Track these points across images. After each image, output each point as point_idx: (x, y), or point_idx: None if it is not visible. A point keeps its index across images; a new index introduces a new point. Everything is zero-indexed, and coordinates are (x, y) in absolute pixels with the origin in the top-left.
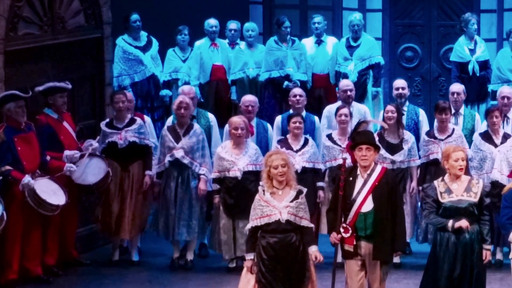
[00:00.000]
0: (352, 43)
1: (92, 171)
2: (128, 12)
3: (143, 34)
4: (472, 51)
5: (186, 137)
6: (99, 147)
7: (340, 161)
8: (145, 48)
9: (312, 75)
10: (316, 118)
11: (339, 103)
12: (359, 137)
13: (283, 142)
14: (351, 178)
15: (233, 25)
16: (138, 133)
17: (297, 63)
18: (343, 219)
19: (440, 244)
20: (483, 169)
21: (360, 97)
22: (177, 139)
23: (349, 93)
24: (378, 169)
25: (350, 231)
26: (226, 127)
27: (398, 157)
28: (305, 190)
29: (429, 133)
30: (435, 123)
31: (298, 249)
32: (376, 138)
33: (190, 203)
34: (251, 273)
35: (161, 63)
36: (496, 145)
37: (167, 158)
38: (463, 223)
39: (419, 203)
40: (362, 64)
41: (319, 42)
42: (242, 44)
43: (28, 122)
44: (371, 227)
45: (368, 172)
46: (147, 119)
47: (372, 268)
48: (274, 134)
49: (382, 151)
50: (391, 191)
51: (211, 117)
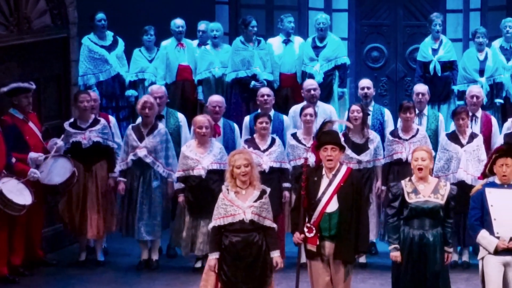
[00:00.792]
0: (318, 44)
1: (58, 171)
2: (94, 12)
3: (109, 34)
4: (435, 51)
5: (150, 136)
6: (63, 147)
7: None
8: (110, 48)
9: (279, 74)
10: (285, 117)
11: (304, 103)
12: (324, 137)
13: (250, 142)
14: (316, 178)
15: (202, 25)
16: (102, 133)
17: (263, 63)
18: (307, 219)
19: (403, 243)
20: (450, 169)
21: (326, 97)
22: (141, 138)
23: (313, 92)
24: (343, 169)
25: (314, 231)
26: (192, 126)
27: (364, 157)
28: (268, 190)
29: (393, 133)
30: (399, 123)
31: (261, 248)
32: (342, 138)
33: (152, 203)
34: (214, 272)
35: (126, 63)
36: (462, 145)
37: (130, 156)
38: (397, 255)
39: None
40: (328, 64)
41: (286, 41)
42: (208, 44)
43: None
44: (335, 227)
45: (333, 172)
46: (112, 119)
47: (335, 268)
48: (243, 133)
49: (348, 151)
50: (356, 192)
51: (181, 117)
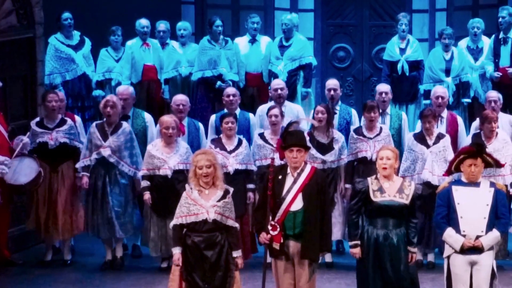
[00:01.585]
0: (284, 43)
1: (24, 171)
2: (61, 12)
3: (76, 34)
4: (403, 51)
5: (114, 135)
6: (29, 144)
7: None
8: (77, 47)
9: (245, 74)
10: (251, 115)
11: (271, 103)
12: (290, 138)
13: (217, 142)
14: (280, 177)
15: (161, 26)
16: (69, 134)
17: (230, 63)
18: (271, 218)
19: (367, 243)
20: (415, 170)
21: (290, 97)
22: (105, 137)
23: (280, 92)
24: (308, 168)
25: (278, 229)
26: (157, 126)
27: (329, 157)
28: (231, 190)
29: (357, 131)
30: (363, 122)
31: (223, 248)
32: (307, 138)
33: (120, 201)
34: (178, 265)
35: (93, 63)
36: (428, 146)
37: (94, 155)
38: (357, 252)
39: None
40: (292, 64)
41: (252, 41)
42: (175, 43)
43: None
44: (300, 226)
45: (298, 171)
46: (78, 119)
47: (300, 267)
48: (209, 133)
49: (313, 151)
50: (320, 191)
51: (148, 116)
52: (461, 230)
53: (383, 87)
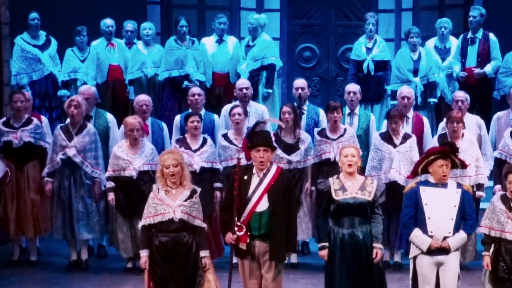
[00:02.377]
0: (250, 43)
1: None
2: (27, 12)
3: (42, 34)
4: (369, 50)
5: (79, 136)
6: None
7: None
8: (43, 47)
9: (212, 74)
10: (216, 116)
11: (236, 103)
12: (257, 139)
13: (182, 142)
14: (246, 177)
15: (129, 25)
16: (34, 133)
17: (196, 63)
18: (237, 218)
19: (334, 243)
20: (382, 169)
21: (251, 97)
22: (70, 138)
23: (245, 91)
24: (274, 168)
25: (244, 229)
26: (122, 127)
27: (294, 157)
28: (199, 189)
29: (321, 133)
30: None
31: (191, 248)
32: (273, 138)
33: (86, 202)
34: (145, 268)
35: (59, 63)
36: (395, 146)
37: (59, 156)
38: (325, 254)
39: None
40: (254, 64)
41: (219, 41)
42: (140, 44)
43: None
44: (265, 226)
45: (264, 171)
46: (44, 119)
47: (266, 267)
48: (173, 133)
49: (279, 151)
50: (286, 191)
51: (110, 117)
52: (428, 230)
53: (351, 87)
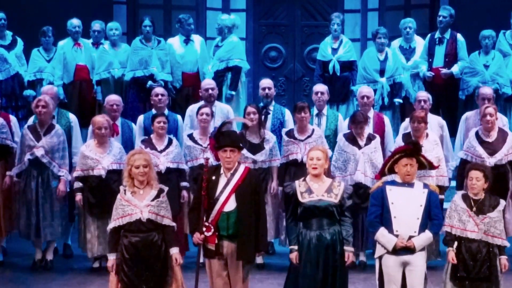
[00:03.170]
0: (219, 43)
1: None
2: None
3: (8, 34)
4: (335, 51)
5: (47, 136)
6: None
7: (202, 161)
8: (10, 47)
9: (181, 74)
10: (179, 116)
11: (202, 103)
12: (223, 139)
13: (147, 142)
14: (214, 177)
15: (97, 25)
16: (0, 132)
17: (162, 63)
18: (205, 218)
19: (301, 245)
20: (347, 171)
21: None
22: (38, 138)
23: (210, 92)
24: (242, 168)
25: (212, 230)
26: (90, 126)
27: (259, 157)
28: (166, 189)
29: (289, 133)
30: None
31: (160, 248)
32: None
33: (51, 203)
34: (114, 272)
35: (26, 63)
36: (360, 147)
37: (27, 156)
38: (294, 257)
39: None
40: (219, 65)
41: (186, 41)
42: (106, 44)
43: None
44: (233, 226)
45: (232, 171)
46: (13, 118)
47: (234, 267)
48: (137, 133)
49: (244, 151)
50: (254, 191)
51: (72, 117)
52: (394, 230)
53: (319, 87)
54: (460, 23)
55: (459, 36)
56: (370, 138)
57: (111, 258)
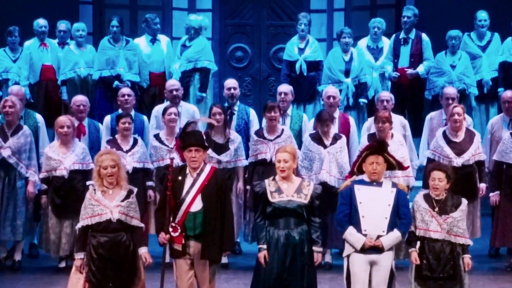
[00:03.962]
0: (187, 43)
1: None
2: None
3: None
4: (301, 51)
5: (15, 137)
6: None
7: (168, 161)
8: None
9: (148, 73)
10: (145, 117)
11: (167, 103)
12: (188, 139)
13: (113, 142)
14: (180, 178)
15: (62, 25)
16: None
17: (129, 64)
18: (171, 219)
19: (269, 244)
20: (313, 170)
21: (182, 98)
22: (5, 138)
23: (175, 92)
24: (208, 168)
25: (179, 230)
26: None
27: (224, 157)
28: (135, 190)
29: (258, 133)
30: (264, 123)
31: (129, 248)
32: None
33: (16, 203)
34: (81, 272)
35: None
36: (325, 146)
37: None
38: (262, 256)
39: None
40: (187, 65)
41: (153, 41)
42: (72, 44)
43: None
44: (200, 226)
45: (198, 171)
46: None
47: (201, 267)
48: (103, 134)
49: (209, 151)
50: (220, 191)
51: (39, 117)
52: (362, 229)
53: (283, 88)
54: (425, 23)
55: (424, 36)
56: (336, 137)
57: (79, 258)
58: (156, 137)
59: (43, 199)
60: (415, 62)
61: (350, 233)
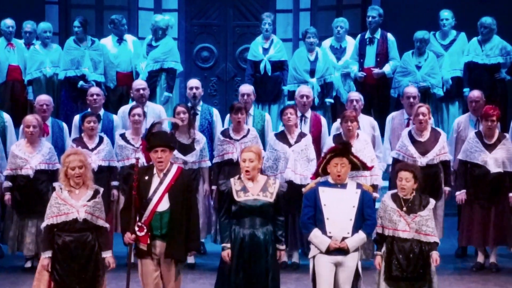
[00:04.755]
0: (153, 43)
1: None
2: None
3: None
4: (266, 51)
5: None
6: None
7: (133, 161)
8: None
9: (115, 73)
10: (115, 116)
11: (133, 103)
12: (154, 139)
13: (78, 141)
14: (147, 178)
15: (28, 26)
16: None
17: (94, 64)
18: (138, 218)
19: (234, 243)
20: (278, 169)
21: (148, 98)
22: None
23: (141, 92)
24: (174, 168)
25: (145, 230)
26: (22, 126)
27: (190, 157)
28: (101, 190)
29: (224, 133)
30: (226, 122)
31: (93, 248)
32: None
33: None
34: (48, 271)
35: None
36: (290, 145)
37: None
38: (226, 254)
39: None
40: (154, 65)
41: (120, 41)
42: (37, 44)
43: None
44: (166, 226)
45: (164, 172)
46: None
47: (166, 267)
48: (72, 133)
49: (174, 152)
50: (186, 191)
51: (6, 117)
52: (327, 231)
53: (244, 89)
54: (391, 22)
55: (390, 36)
56: (301, 136)
57: (45, 257)
58: (122, 136)
59: (6, 196)
60: (381, 62)
61: (315, 235)
